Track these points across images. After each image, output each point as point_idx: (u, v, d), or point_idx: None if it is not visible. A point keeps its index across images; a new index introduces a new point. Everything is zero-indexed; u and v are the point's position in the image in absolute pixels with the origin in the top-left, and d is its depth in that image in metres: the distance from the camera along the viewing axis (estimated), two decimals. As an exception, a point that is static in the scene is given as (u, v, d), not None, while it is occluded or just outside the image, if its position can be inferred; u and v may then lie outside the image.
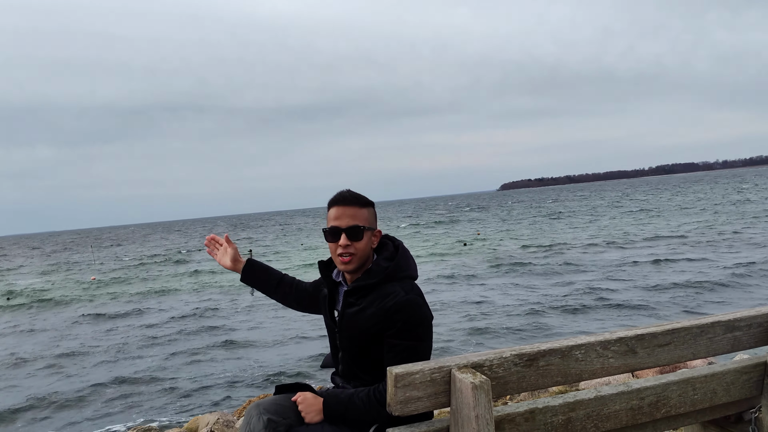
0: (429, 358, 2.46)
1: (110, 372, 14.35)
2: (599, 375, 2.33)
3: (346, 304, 2.59)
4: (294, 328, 17.00)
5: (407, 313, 2.42)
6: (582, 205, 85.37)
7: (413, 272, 2.61)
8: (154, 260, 51.93)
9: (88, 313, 24.39)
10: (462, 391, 1.96)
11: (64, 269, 50.67)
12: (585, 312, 15.72)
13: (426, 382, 2.01)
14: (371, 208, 2.66)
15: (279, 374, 12.71)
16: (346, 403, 2.45)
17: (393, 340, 2.42)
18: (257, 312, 20.25)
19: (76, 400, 12.40)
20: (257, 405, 2.59)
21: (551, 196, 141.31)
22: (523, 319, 15.50)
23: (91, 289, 33.54)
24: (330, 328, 2.74)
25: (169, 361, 14.85)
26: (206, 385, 12.55)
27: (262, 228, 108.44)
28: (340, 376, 2.70)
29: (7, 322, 24.10)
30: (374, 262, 2.62)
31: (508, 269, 25.26)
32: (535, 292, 19.37)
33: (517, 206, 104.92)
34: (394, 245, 2.68)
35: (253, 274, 3.08)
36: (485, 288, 21.33)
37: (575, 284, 19.94)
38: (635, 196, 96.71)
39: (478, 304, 18.22)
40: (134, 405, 11.72)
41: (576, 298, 17.50)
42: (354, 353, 2.57)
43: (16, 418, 11.66)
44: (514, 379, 2.11)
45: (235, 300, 23.98)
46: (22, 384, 14.15)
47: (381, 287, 2.51)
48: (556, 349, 2.18)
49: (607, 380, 6.11)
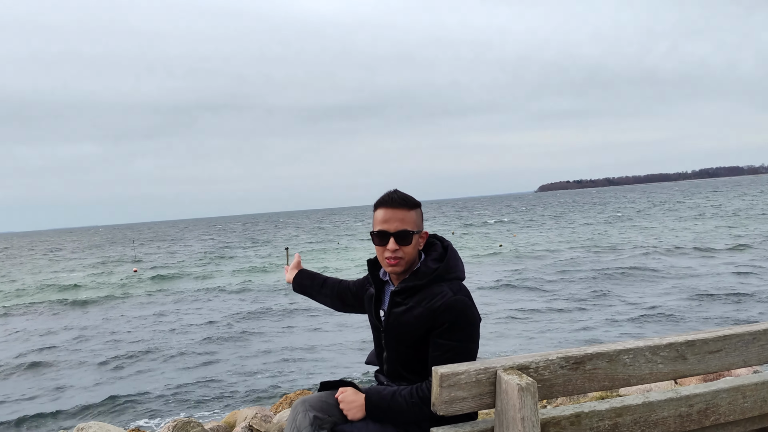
0: (475, 359, 2.45)
1: (150, 365, 14.64)
2: (647, 381, 2.29)
3: (393, 303, 2.58)
4: (336, 325, 17.09)
5: (455, 313, 2.41)
6: (641, 206, 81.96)
7: (461, 273, 2.59)
8: (196, 256, 52.72)
9: (129, 307, 24.93)
10: (508, 392, 1.95)
11: (110, 262, 51.80)
12: (638, 321, 15.42)
13: (471, 383, 2.00)
14: (418, 209, 2.63)
15: (320, 371, 12.78)
16: (389, 399, 2.44)
17: (439, 340, 2.42)
18: (299, 310, 20.39)
19: (117, 391, 12.68)
20: (303, 401, 2.61)
21: (599, 198, 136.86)
22: (568, 323, 15.32)
23: (133, 282, 34.23)
24: (375, 327, 2.73)
25: (210, 355, 15.08)
26: (244, 380, 12.72)
27: (299, 227, 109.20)
28: (384, 375, 2.69)
29: (54, 314, 24.79)
30: (422, 263, 2.59)
31: (556, 272, 24.89)
32: (580, 297, 19.11)
33: (560, 207, 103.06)
34: (443, 246, 2.66)
35: (300, 281, 3.25)
36: (531, 291, 21.12)
37: (630, 290, 19.61)
38: (694, 199, 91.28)
39: (523, 306, 18.08)
40: (174, 398, 11.93)
41: (632, 306, 17.21)
42: (399, 353, 2.57)
43: (54, 408, 11.98)
44: (560, 382, 2.09)
45: (277, 297, 24.21)
46: (67, 374, 14.55)
47: (429, 287, 2.50)
48: (603, 352, 2.15)
49: (649, 387, 6.00)
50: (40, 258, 68.67)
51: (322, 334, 16.29)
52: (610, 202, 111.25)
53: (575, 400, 6.01)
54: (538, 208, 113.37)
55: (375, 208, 2.64)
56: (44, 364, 15.54)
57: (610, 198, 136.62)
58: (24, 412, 11.76)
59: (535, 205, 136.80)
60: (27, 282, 38.70)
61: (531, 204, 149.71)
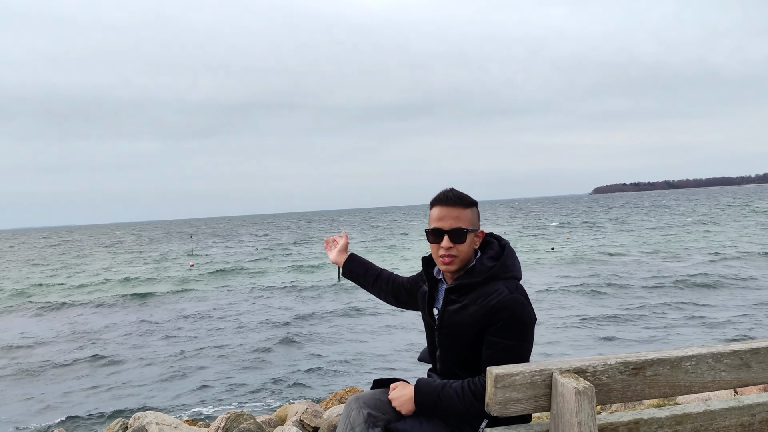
0: (528, 360, 2.43)
1: (205, 359, 14.97)
2: (709, 389, 2.22)
3: (447, 301, 2.57)
4: (387, 325, 17.14)
5: (511, 311, 2.39)
6: (706, 210, 78.13)
7: (518, 273, 2.56)
8: (251, 252, 53.59)
9: (186, 301, 25.57)
10: (564, 396, 1.92)
11: (167, 258, 53.16)
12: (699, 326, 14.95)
13: (526, 384, 1.98)
14: (474, 208, 2.61)
15: (370, 370, 12.83)
16: (438, 390, 2.44)
17: (493, 338, 2.40)
18: (351, 309, 20.53)
19: (173, 383, 13.04)
20: (357, 398, 2.62)
21: (660, 201, 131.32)
22: (624, 329, 14.98)
23: (190, 277, 35.06)
24: (429, 325, 2.72)
25: (263, 351, 15.31)
26: (296, 376, 12.88)
27: (351, 226, 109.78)
28: (437, 374, 2.68)
29: (111, 306, 25.62)
30: (478, 260, 2.57)
31: (613, 277, 24.34)
32: (637, 303, 18.66)
33: (618, 210, 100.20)
34: (500, 244, 2.63)
35: (353, 268, 3.16)
36: (585, 295, 20.73)
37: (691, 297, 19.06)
38: (760, 204, 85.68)
39: (576, 311, 17.77)
40: (228, 391, 12.18)
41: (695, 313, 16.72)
42: (453, 351, 2.56)
43: (112, 398, 12.39)
44: (618, 387, 2.04)
45: (330, 296, 24.41)
46: (124, 366, 15.02)
47: (484, 285, 2.48)
48: (665, 359, 2.09)
49: (708, 395, 5.81)
50: (101, 251, 71.03)
51: (373, 334, 16.35)
52: (673, 205, 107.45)
53: (631, 407, 5.88)
54: (595, 210, 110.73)
55: (431, 206, 2.63)
56: (103, 355, 16.06)
57: (672, 201, 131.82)
58: (84, 402, 12.19)
59: (592, 207, 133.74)
60: (88, 275, 40.09)
61: (587, 206, 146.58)
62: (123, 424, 6.96)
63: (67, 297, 29.10)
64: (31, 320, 23.09)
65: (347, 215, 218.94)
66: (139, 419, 6.54)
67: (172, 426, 6.37)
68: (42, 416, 11.43)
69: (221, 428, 6.20)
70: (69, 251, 75.52)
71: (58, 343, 17.91)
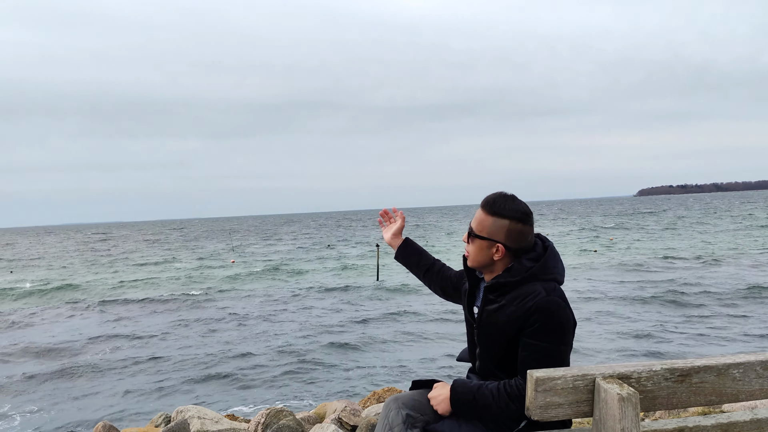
0: (566, 363, 2.39)
1: (247, 356, 15.18)
2: (757, 396, 2.16)
3: (486, 300, 2.56)
4: (427, 327, 17.12)
5: (547, 314, 2.36)
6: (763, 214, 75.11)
7: (559, 276, 2.52)
8: (294, 251, 54.07)
9: (229, 298, 25.95)
10: (607, 402, 1.89)
11: (212, 255, 54.03)
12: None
13: (568, 389, 1.96)
14: (503, 219, 2.51)
15: (409, 371, 12.84)
16: (475, 391, 2.44)
17: (529, 340, 2.38)
18: (392, 310, 20.55)
19: (215, 379, 13.26)
20: (395, 399, 2.63)
21: (712, 205, 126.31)
22: (668, 335, 14.66)
23: (233, 274, 35.57)
24: (468, 322, 2.72)
25: (304, 349, 15.45)
26: (335, 374, 12.98)
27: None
28: (476, 374, 2.67)
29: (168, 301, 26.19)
30: (517, 261, 2.53)
31: (657, 281, 23.81)
32: (681, 310, 18.23)
33: (665, 213, 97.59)
34: (544, 246, 2.59)
35: (407, 255, 3.11)
36: (629, 299, 20.35)
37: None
38: None
39: (618, 314, 17.46)
40: (269, 388, 12.35)
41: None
42: (491, 351, 2.55)
43: (155, 392, 12.66)
44: (663, 394, 2.00)
45: (371, 296, 24.49)
46: (168, 361, 15.33)
47: (522, 286, 2.46)
48: (711, 366, 2.05)
49: (754, 404, 5.64)
50: (148, 247, 72.60)
51: (413, 335, 16.34)
52: (724, 207, 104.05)
53: (675, 414, 5.75)
54: (641, 212, 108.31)
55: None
56: (147, 352, 16.45)
57: (723, 203, 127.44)
58: (127, 396, 12.51)
59: (638, 208, 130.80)
60: (134, 272, 41.04)
61: (633, 207, 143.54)
62: (166, 417, 7.11)
63: (113, 294, 29.86)
64: (78, 316, 23.75)
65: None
66: (181, 413, 6.67)
67: (214, 420, 6.48)
68: (86, 410, 11.77)
69: (261, 423, 6.28)
70: (116, 246, 77.42)
71: (101, 340, 18.38)
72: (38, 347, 17.34)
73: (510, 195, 2.55)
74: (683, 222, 67.66)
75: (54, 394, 12.79)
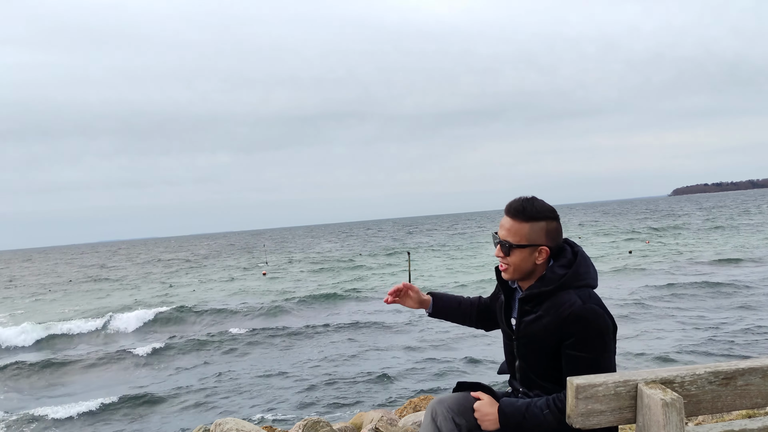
0: (612, 369, 2.34)
1: (283, 367, 15.26)
2: (805, 399, 2.10)
3: (522, 311, 2.52)
4: (462, 337, 16.99)
5: (584, 323, 2.31)
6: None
7: (592, 281, 2.46)
8: (325, 261, 54.18)
9: (263, 310, 26.08)
10: (651, 407, 1.85)
11: (248, 267, 54.50)
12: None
13: (609, 396, 1.92)
14: (540, 222, 2.48)
15: (446, 380, 12.75)
16: (523, 411, 2.38)
17: (571, 352, 2.33)
18: (425, 320, 20.46)
19: (253, 391, 13.36)
20: (441, 401, 2.60)
21: (753, 203, 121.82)
22: (709, 340, 14.32)
23: (266, 286, 35.81)
24: (506, 335, 2.67)
25: (339, 360, 15.47)
26: (371, 384, 12.96)
27: (421, 232, 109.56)
28: (518, 384, 2.63)
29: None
30: (549, 269, 2.49)
31: (701, 284, 23.05)
32: (718, 314, 17.82)
33: (704, 212, 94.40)
34: (573, 251, 2.53)
35: (442, 308, 2.96)
36: (667, 301, 19.97)
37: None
38: None
39: (657, 319, 17.14)
40: (305, 399, 12.38)
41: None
42: (532, 362, 2.50)
43: (194, 404, 12.80)
44: (708, 398, 1.96)
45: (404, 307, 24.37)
46: (206, 374, 15.50)
47: (556, 295, 2.41)
48: (757, 368, 1.99)
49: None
50: (186, 263, 73.52)
51: (449, 344, 16.21)
52: (764, 205, 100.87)
53: (719, 417, 5.61)
54: (677, 213, 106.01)
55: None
56: (186, 364, 16.66)
57: (763, 202, 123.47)
58: (167, 409, 12.67)
59: (673, 208, 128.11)
60: (174, 287, 41.58)
61: (669, 207, 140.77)
62: (205, 430, 7.17)
63: (158, 307, 30.27)
64: (131, 327, 24.10)
65: (420, 223, 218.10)
66: (219, 425, 6.72)
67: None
68: (122, 423, 11.96)
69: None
70: (157, 261, 78.52)
71: (142, 352, 18.64)
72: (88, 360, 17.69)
73: (530, 197, 2.53)
74: (724, 221, 65.97)
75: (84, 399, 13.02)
